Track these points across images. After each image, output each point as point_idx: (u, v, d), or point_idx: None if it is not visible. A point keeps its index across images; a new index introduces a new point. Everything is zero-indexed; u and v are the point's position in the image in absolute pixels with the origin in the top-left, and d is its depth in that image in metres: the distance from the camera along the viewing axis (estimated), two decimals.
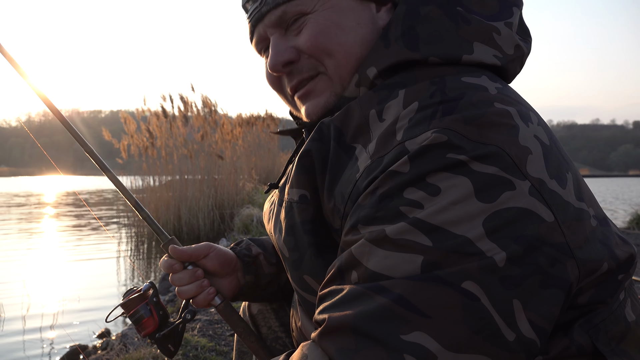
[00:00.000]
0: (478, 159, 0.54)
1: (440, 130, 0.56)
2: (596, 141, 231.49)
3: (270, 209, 0.85)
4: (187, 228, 7.85)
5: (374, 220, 0.57)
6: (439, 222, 0.53)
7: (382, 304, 0.52)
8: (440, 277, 0.51)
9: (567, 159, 0.64)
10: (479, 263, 0.51)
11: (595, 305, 0.60)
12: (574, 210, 0.58)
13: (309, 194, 0.70)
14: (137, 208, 0.94)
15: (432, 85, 0.63)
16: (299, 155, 0.71)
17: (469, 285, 0.51)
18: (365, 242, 0.56)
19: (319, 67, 0.75)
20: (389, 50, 0.69)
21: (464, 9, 0.68)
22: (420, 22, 0.68)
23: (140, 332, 0.92)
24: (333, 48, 0.73)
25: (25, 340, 3.47)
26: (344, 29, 0.73)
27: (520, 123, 0.59)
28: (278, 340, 1.02)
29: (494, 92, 0.62)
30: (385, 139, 0.61)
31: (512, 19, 0.71)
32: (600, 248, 0.59)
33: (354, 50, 0.73)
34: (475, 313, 0.51)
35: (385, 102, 0.65)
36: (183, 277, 0.91)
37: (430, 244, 0.52)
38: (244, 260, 1.00)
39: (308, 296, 0.73)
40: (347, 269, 0.57)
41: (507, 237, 0.52)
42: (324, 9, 0.73)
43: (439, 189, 0.54)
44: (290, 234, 0.72)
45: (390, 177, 0.57)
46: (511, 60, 0.71)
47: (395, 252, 0.54)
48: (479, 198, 0.53)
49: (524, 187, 0.54)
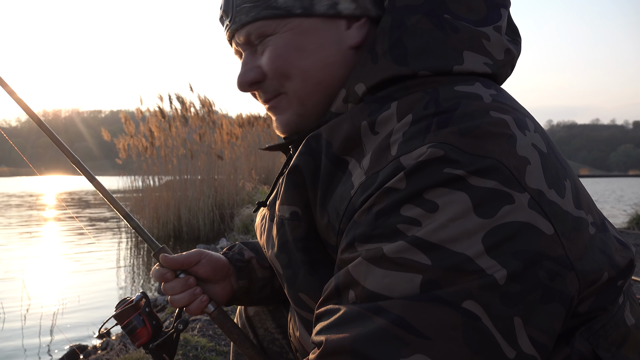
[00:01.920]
0: (476, 173, 0.53)
1: (436, 144, 0.55)
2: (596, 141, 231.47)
3: (262, 223, 0.83)
4: (187, 228, 7.85)
5: (371, 238, 0.55)
6: (438, 240, 0.52)
7: (380, 325, 0.51)
8: (440, 297, 0.50)
9: (564, 164, 0.62)
10: (479, 282, 0.50)
11: (596, 313, 0.59)
12: (572, 219, 0.57)
13: (300, 211, 0.68)
14: (127, 218, 0.93)
15: (425, 96, 0.61)
16: (288, 170, 0.69)
17: (470, 304, 0.50)
18: (363, 260, 0.55)
19: (280, 88, 0.75)
20: (377, 66, 0.66)
21: (451, 15, 0.66)
22: (408, 34, 0.65)
23: (134, 342, 0.92)
24: (291, 72, 0.72)
25: (25, 340, 3.47)
26: (303, 52, 0.71)
27: (517, 132, 0.58)
28: (275, 341, 1.01)
29: (488, 100, 0.61)
30: (379, 153, 0.60)
31: (500, 21, 0.68)
32: (600, 257, 0.58)
33: (312, 74, 0.71)
34: (476, 333, 0.49)
35: (377, 114, 0.63)
36: (175, 285, 0.91)
37: (429, 262, 0.51)
38: (237, 265, 0.99)
39: (305, 313, 0.72)
40: (345, 288, 0.56)
41: (507, 253, 0.51)
42: (285, 30, 0.71)
43: (437, 205, 0.53)
44: (283, 251, 0.71)
45: (386, 194, 0.55)
46: (502, 65, 0.69)
47: (394, 271, 0.52)
48: (477, 213, 0.52)
49: (523, 200, 0.53)
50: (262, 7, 0.70)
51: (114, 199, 0.94)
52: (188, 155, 8.17)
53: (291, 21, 0.70)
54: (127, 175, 8.56)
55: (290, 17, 0.70)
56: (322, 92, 0.73)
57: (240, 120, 10.64)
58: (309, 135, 0.69)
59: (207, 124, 8.63)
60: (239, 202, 8.38)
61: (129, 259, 6.73)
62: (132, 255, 6.99)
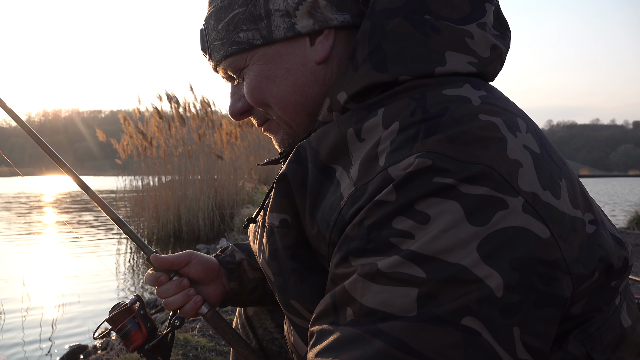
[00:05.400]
0: (466, 180, 0.52)
1: (423, 154, 0.54)
2: (596, 141, 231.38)
3: (255, 229, 0.84)
4: (187, 228, 7.85)
5: (364, 252, 0.55)
6: (431, 252, 0.51)
7: (380, 349, 0.49)
8: (439, 316, 0.49)
9: (559, 163, 0.61)
10: (477, 294, 0.49)
11: (591, 314, 0.58)
12: (569, 220, 0.56)
13: (289, 218, 0.68)
14: (120, 224, 0.96)
15: (412, 102, 0.60)
16: (277, 178, 0.70)
17: (469, 321, 0.49)
18: (358, 277, 0.54)
19: (266, 115, 0.79)
20: (357, 74, 0.66)
21: (432, 16, 0.64)
22: (387, 39, 0.64)
23: (128, 346, 0.91)
24: (268, 101, 0.74)
25: (25, 340, 3.47)
26: (274, 80, 0.73)
27: (508, 134, 0.57)
28: (274, 341, 1.02)
29: (477, 103, 0.60)
30: (367, 164, 0.59)
31: (484, 17, 0.67)
32: (595, 256, 0.57)
33: (287, 99, 0.73)
34: (478, 349, 0.49)
35: (363, 122, 0.63)
36: (169, 288, 0.93)
37: (424, 275, 0.50)
38: (227, 267, 1.00)
39: (297, 320, 0.72)
40: (342, 305, 0.55)
41: (503, 260, 0.50)
42: (254, 62, 0.73)
43: (428, 216, 0.52)
44: (274, 258, 0.71)
45: (377, 207, 0.54)
46: (489, 63, 0.68)
47: (389, 286, 0.51)
48: (470, 222, 0.51)
49: (517, 204, 0.52)
50: (228, 44, 0.73)
51: (106, 205, 0.96)
52: (186, 155, 8.17)
53: (256, 52, 0.73)
54: (127, 176, 8.56)
55: (254, 49, 0.72)
56: (303, 112, 0.75)
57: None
58: (298, 144, 0.69)
59: (206, 124, 8.62)
60: (239, 202, 8.38)
61: (129, 260, 6.74)
62: (132, 256, 6.99)
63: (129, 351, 0.91)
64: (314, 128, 0.72)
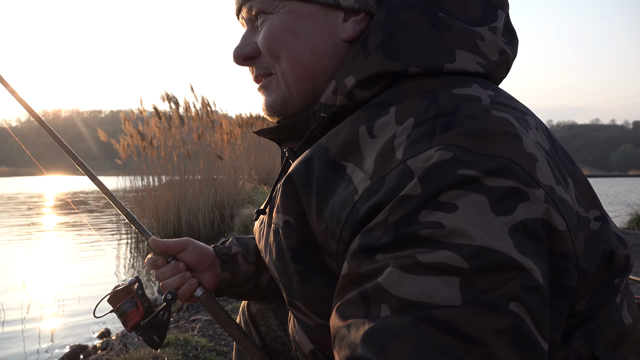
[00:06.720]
0: (489, 173, 0.52)
1: (443, 147, 0.54)
2: (596, 141, 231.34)
3: (261, 227, 0.85)
4: (187, 228, 7.85)
5: (395, 248, 0.53)
6: (466, 241, 0.50)
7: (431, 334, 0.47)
8: (488, 301, 0.48)
9: (564, 161, 0.62)
10: (520, 281, 0.49)
11: (594, 311, 0.59)
12: (577, 216, 0.57)
13: (292, 220, 0.68)
14: (121, 208, 1.02)
15: (424, 100, 0.61)
16: (284, 179, 0.70)
17: (515, 306, 0.49)
18: (394, 270, 0.51)
19: (272, 68, 0.77)
20: (368, 60, 0.66)
21: (446, 14, 0.66)
22: (400, 30, 0.65)
23: (126, 325, 0.95)
24: (281, 53, 0.73)
25: (25, 340, 3.47)
26: (296, 35, 0.72)
27: (521, 130, 0.58)
28: (277, 339, 1.03)
29: (487, 102, 0.60)
30: (383, 157, 0.58)
31: (496, 22, 0.68)
32: (598, 252, 0.58)
33: (301, 58, 0.72)
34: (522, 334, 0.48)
35: (375, 119, 0.63)
36: (166, 270, 0.98)
37: (464, 264, 0.49)
38: (222, 257, 1.04)
39: (303, 317, 0.72)
40: (375, 302, 0.52)
41: (532, 250, 0.51)
42: (283, 12, 0.72)
43: (455, 206, 0.51)
44: (280, 258, 0.72)
45: (401, 202, 0.53)
46: (496, 66, 0.68)
47: (428, 277, 0.50)
48: (495, 212, 0.51)
49: (539, 195, 0.53)
50: None
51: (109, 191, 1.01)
52: (186, 155, 8.16)
53: (290, 3, 0.72)
54: (127, 176, 8.55)
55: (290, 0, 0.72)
56: (309, 79, 0.74)
57: (240, 120, 10.63)
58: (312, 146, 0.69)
59: (206, 124, 8.62)
60: (239, 202, 8.37)
61: (129, 261, 6.73)
62: (132, 256, 6.99)
63: (127, 330, 0.95)
64: (314, 110, 0.72)
